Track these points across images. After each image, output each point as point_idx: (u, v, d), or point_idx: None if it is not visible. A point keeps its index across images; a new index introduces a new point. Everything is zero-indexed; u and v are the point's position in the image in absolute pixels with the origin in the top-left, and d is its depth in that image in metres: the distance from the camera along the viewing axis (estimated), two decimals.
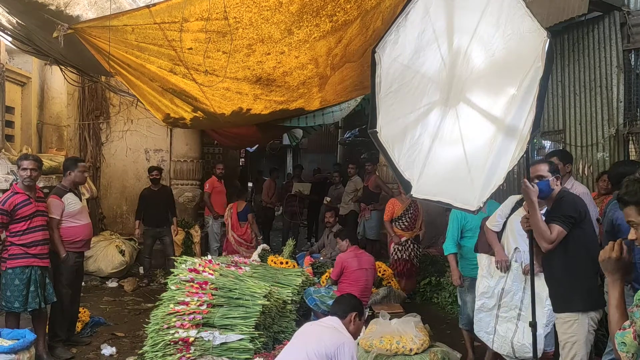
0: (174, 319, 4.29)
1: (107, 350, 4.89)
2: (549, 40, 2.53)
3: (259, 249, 6.23)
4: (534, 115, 2.56)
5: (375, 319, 4.57)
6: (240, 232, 7.75)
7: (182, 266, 4.79)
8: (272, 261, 5.96)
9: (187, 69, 4.36)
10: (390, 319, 4.50)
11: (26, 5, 3.96)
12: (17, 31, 4.83)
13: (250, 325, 4.26)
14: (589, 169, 5.84)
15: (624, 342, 1.78)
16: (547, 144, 6.76)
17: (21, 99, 7.50)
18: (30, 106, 7.55)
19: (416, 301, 6.67)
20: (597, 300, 3.24)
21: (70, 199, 4.83)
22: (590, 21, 5.81)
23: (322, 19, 4.01)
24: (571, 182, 4.32)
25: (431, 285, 6.70)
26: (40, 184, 4.99)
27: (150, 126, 8.79)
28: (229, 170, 11.63)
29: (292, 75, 4.84)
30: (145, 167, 8.95)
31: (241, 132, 8.19)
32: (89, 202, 7.36)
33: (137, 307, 6.43)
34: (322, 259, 7.00)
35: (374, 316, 4.92)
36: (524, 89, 2.66)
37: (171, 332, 4.23)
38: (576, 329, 3.14)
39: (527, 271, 3.79)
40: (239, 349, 4.18)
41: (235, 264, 5.22)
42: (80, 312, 5.26)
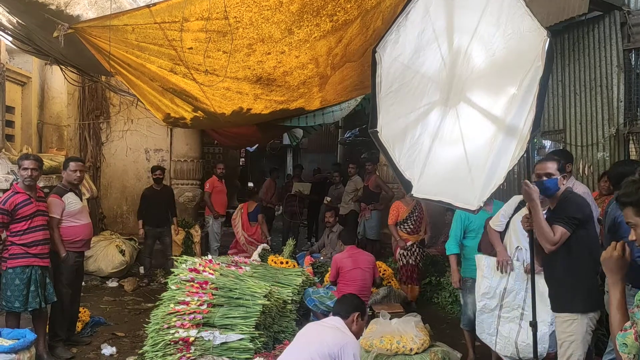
0: (174, 319, 4.29)
1: (108, 350, 4.89)
2: (549, 39, 2.53)
3: (259, 248, 6.23)
4: (534, 114, 2.57)
5: (375, 319, 4.57)
6: (250, 231, 7.80)
7: (183, 266, 4.79)
8: (272, 261, 5.96)
9: (188, 68, 4.36)
10: (390, 319, 4.50)
11: (26, 4, 3.96)
12: (18, 31, 4.83)
13: (250, 325, 4.26)
14: (589, 168, 5.83)
15: (625, 343, 1.78)
16: (547, 144, 6.76)
17: (21, 99, 7.50)
18: (30, 106, 7.56)
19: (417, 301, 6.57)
20: (597, 300, 3.24)
21: (70, 198, 4.82)
22: (590, 21, 5.80)
23: (323, 18, 4.01)
24: (572, 182, 4.30)
25: (431, 285, 6.70)
26: (40, 184, 4.98)
27: (150, 126, 8.79)
28: (229, 170, 11.64)
29: (293, 75, 4.85)
30: (145, 167, 8.97)
31: (241, 131, 8.19)
32: (89, 201, 7.37)
33: (137, 307, 6.42)
34: (322, 258, 7.00)
35: (374, 316, 4.91)
36: (524, 88, 2.66)
37: (171, 331, 4.23)
38: (575, 329, 3.14)
39: (528, 270, 3.78)
40: (239, 348, 4.18)
41: (235, 263, 5.22)
42: (80, 312, 5.26)
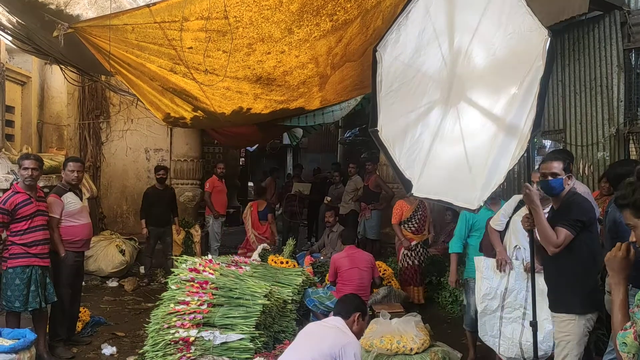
0: (175, 319, 4.29)
1: (108, 349, 4.89)
2: (550, 39, 2.52)
3: (260, 248, 6.23)
4: (534, 114, 2.56)
5: (375, 319, 4.57)
6: (261, 230, 7.82)
7: (183, 266, 4.79)
8: (272, 261, 5.96)
9: (188, 68, 4.36)
10: (390, 319, 4.50)
11: (26, 4, 3.96)
12: (17, 30, 4.82)
13: (250, 324, 4.26)
14: (590, 168, 5.83)
15: (625, 343, 1.79)
16: (548, 144, 6.76)
17: (21, 99, 7.50)
18: (30, 105, 7.55)
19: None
20: (595, 302, 3.24)
21: (69, 198, 4.82)
22: (590, 20, 5.80)
23: (323, 18, 4.01)
24: (572, 182, 4.30)
25: (431, 285, 6.69)
26: (40, 184, 4.97)
27: (150, 125, 8.79)
28: (229, 169, 11.63)
29: (293, 74, 4.84)
30: (145, 167, 8.97)
31: (241, 131, 8.18)
32: (89, 201, 7.36)
33: (137, 307, 6.42)
34: (322, 258, 7.00)
35: (374, 316, 4.91)
36: (524, 87, 2.66)
37: (171, 331, 4.22)
38: (572, 329, 3.14)
39: (528, 269, 3.77)
40: (240, 348, 4.17)
41: (235, 263, 5.22)
42: (80, 312, 5.25)
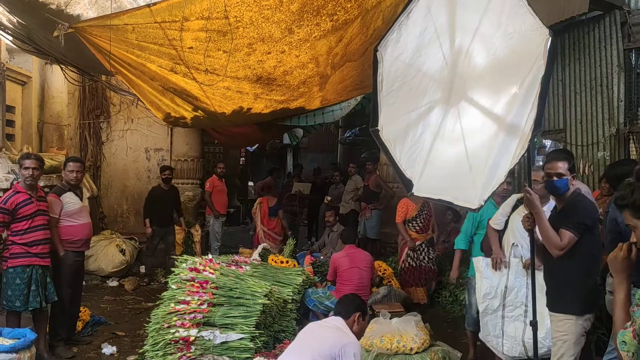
0: (175, 318, 4.29)
1: (108, 349, 4.89)
2: (551, 38, 2.52)
3: (260, 248, 6.23)
4: (535, 113, 2.56)
5: (375, 318, 4.57)
6: (271, 225, 7.91)
7: (183, 265, 4.79)
8: (272, 260, 5.96)
9: (188, 68, 4.36)
10: (390, 318, 4.50)
11: (27, 4, 3.96)
12: (18, 30, 4.82)
13: (250, 324, 4.26)
14: (590, 168, 5.83)
15: (625, 341, 1.81)
16: (548, 143, 6.76)
17: (22, 98, 7.49)
18: (30, 105, 7.55)
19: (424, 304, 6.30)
20: (594, 302, 3.24)
21: (68, 198, 4.81)
22: (590, 20, 5.80)
23: (323, 18, 4.01)
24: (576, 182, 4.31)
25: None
26: (40, 183, 4.97)
27: (150, 125, 8.78)
28: (229, 169, 11.63)
29: (293, 74, 4.84)
30: (145, 167, 8.98)
31: (242, 131, 8.18)
32: (89, 201, 7.36)
33: (137, 306, 6.43)
34: (322, 258, 7.00)
35: (374, 315, 4.91)
36: (525, 87, 2.66)
37: (172, 331, 4.22)
38: (569, 329, 3.13)
39: (527, 265, 3.78)
40: (240, 348, 4.18)
41: (235, 263, 5.22)
42: (81, 311, 5.25)
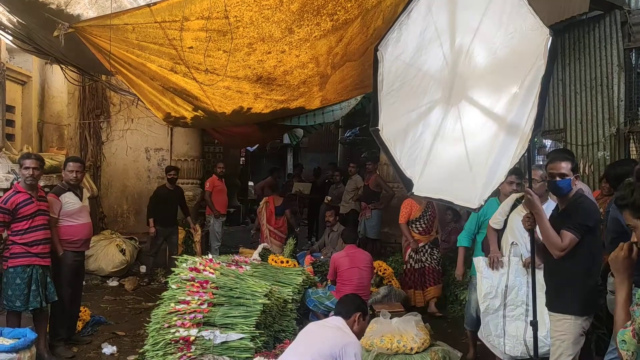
0: (175, 318, 4.29)
1: (108, 349, 4.88)
2: (551, 38, 2.52)
3: (260, 248, 6.23)
4: (535, 113, 2.55)
5: (375, 318, 4.57)
6: (278, 224, 7.96)
7: (183, 265, 4.79)
8: (272, 260, 5.97)
9: (188, 67, 4.36)
10: (390, 318, 4.50)
11: (27, 4, 3.96)
12: (18, 30, 4.82)
13: (250, 324, 4.26)
14: (590, 168, 5.83)
15: (624, 340, 1.82)
16: (548, 143, 6.76)
17: (22, 98, 7.49)
18: (30, 105, 7.55)
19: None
20: (594, 303, 3.25)
21: (68, 197, 4.80)
22: (591, 20, 5.80)
23: (323, 17, 4.01)
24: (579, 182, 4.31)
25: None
26: (41, 183, 4.97)
27: (150, 125, 8.79)
28: (229, 169, 11.63)
29: (293, 74, 4.84)
30: (145, 166, 8.99)
31: (242, 131, 8.19)
32: (89, 200, 7.35)
33: (137, 306, 6.42)
34: (322, 257, 7.01)
35: (374, 315, 4.91)
36: (526, 87, 2.65)
37: (172, 331, 4.22)
38: (568, 328, 3.13)
39: (527, 264, 3.78)
40: (240, 347, 4.18)
41: (236, 263, 5.22)
42: (81, 311, 5.25)
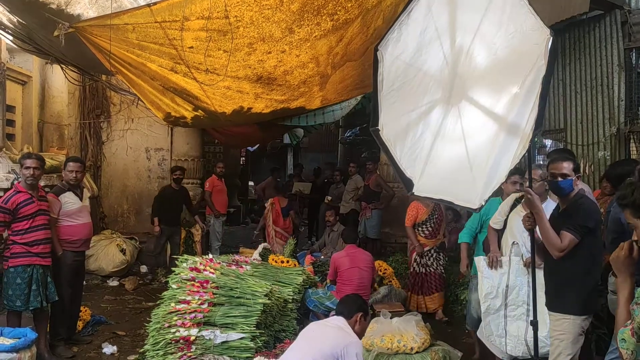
0: (175, 318, 4.29)
1: (108, 349, 4.89)
2: (552, 38, 2.52)
3: (260, 247, 6.23)
4: (536, 113, 2.56)
5: (376, 318, 4.57)
6: (285, 225, 8.01)
7: (183, 265, 4.79)
8: (273, 260, 5.97)
9: (188, 67, 4.36)
10: (391, 318, 4.50)
11: (27, 4, 3.96)
12: (18, 30, 4.82)
13: (251, 324, 4.26)
14: (590, 167, 5.83)
15: (624, 339, 1.83)
16: (548, 143, 6.76)
17: (22, 98, 7.49)
18: (31, 105, 7.55)
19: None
20: (593, 304, 3.25)
21: (67, 197, 4.80)
22: (591, 20, 5.80)
23: (323, 17, 4.01)
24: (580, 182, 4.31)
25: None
26: (41, 183, 4.97)
27: (151, 125, 8.78)
28: (230, 169, 11.61)
29: (293, 74, 4.84)
30: (146, 166, 8.99)
31: (242, 131, 8.18)
32: (90, 200, 7.36)
33: (138, 306, 6.43)
34: (322, 257, 7.01)
35: (375, 315, 4.91)
36: (526, 87, 2.66)
37: (172, 330, 4.22)
38: (567, 328, 3.14)
39: (528, 264, 3.78)
40: (240, 347, 4.18)
41: (236, 262, 5.22)
42: (81, 311, 5.25)
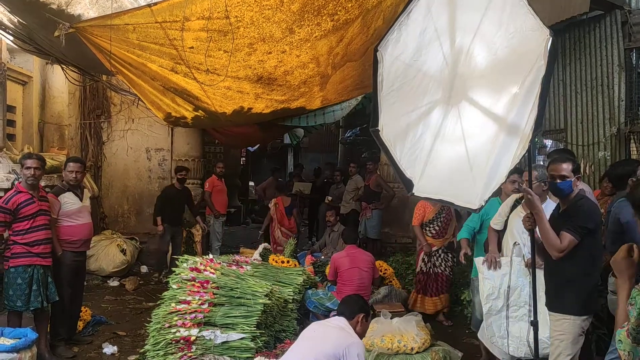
0: (176, 318, 4.29)
1: (109, 349, 4.89)
2: (551, 38, 2.52)
3: (260, 248, 6.23)
4: (536, 113, 2.56)
5: (376, 318, 4.57)
6: (290, 225, 8.08)
7: (184, 265, 4.79)
8: (273, 260, 5.97)
9: (189, 68, 4.36)
10: (391, 318, 4.50)
11: (27, 4, 3.96)
12: (19, 30, 4.82)
13: (251, 324, 4.26)
14: (590, 168, 5.83)
15: (621, 340, 1.83)
16: (549, 143, 6.76)
17: (22, 98, 7.49)
18: (31, 105, 7.55)
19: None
20: (593, 304, 3.25)
21: (67, 198, 4.80)
22: (591, 20, 5.80)
23: (324, 17, 4.01)
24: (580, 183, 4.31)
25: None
26: (42, 183, 4.97)
27: (151, 125, 8.79)
28: (230, 169, 11.61)
29: (293, 74, 4.84)
30: (146, 167, 9.00)
31: (242, 131, 8.19)
32: (90, 200, 7.36)
33: (138, 306, 6.43)
34: (323, 257, 7.01)
35: (375, 315, 4.91)
36: (526, 87, 2.66)
37: (172, 331, 4.23)
38: (567, 328, 3.14)
39: (529, 264, 3.78)
40: (240, 347, 4.18)
41: (236, 263, 5.22)
42: (82, 311, 5.25)
